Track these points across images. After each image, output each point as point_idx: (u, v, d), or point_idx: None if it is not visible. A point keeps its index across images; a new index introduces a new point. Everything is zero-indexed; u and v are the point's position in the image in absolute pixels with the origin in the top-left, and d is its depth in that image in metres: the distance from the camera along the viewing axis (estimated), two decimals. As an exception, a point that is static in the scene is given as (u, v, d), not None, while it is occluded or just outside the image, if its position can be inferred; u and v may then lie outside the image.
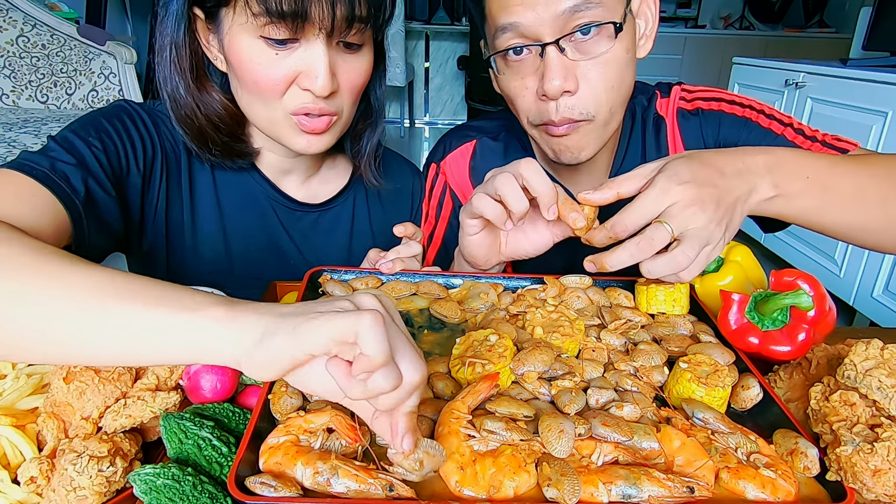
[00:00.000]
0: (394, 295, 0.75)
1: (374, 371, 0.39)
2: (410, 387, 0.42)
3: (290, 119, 0.75)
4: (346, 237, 1.00)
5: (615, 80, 0.80)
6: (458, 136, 1.07)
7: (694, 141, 0.97)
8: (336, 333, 0.39)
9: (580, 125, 0.81)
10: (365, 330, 0.39)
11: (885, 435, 0.48)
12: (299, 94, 0.73)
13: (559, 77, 0.76)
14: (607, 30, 0.76)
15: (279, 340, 0.40)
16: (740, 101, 0.96)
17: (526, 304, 0.71)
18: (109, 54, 3.09)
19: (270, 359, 0.41)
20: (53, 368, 0.57)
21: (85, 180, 0.69)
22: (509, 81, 0.83)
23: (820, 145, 0.87)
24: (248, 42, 0.70)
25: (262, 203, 0.92)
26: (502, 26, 0.78)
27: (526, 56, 0.80)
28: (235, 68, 0.74)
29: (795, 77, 2.72)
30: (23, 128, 2.50)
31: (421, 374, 0.43)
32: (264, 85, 0.72)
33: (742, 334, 0.63)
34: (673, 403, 0.57)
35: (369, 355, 0.39)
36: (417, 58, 6.17)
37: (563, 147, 0.84)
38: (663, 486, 0.45)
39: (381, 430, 0.47)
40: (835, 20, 5.21)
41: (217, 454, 0.50)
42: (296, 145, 0.78)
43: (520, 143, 1.04)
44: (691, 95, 0.99)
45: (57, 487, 0.48)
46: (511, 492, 0.45)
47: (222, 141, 0.82)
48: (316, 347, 0.40)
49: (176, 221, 0.87)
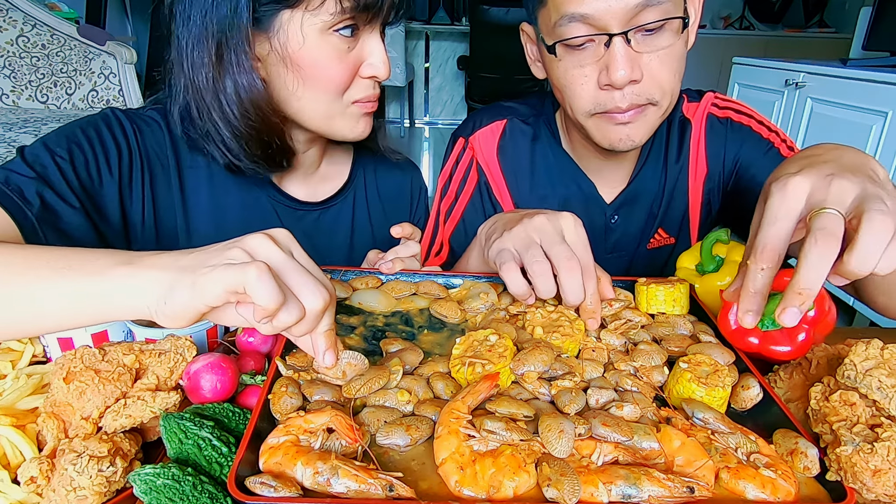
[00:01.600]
0: (394, 295, 0.75)
1: (272, 315, 0.45)
2: (315, 314, 0.48)
3: (353, 107, 0.79)
4: (346, 235, 1.00)
5: (677, 67, 0.82)
6: (489, 112, 1.07)
7: (717, 148, 0.99)
8: (228, 286, 0.44)
9: (646, 109, 0.83)
10: (252, 282, 0.43)
11: (885, 435, 0.48)
12: (363, 84, 0.78)
13: (626, 68, 0.77)
14: (673, 24, 0.78)
15: (180, 295, 0.45)
16: (767, 123, 0.98)
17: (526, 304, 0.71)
18: (109, 54, 3.09)
19: (177, 312, 0.46)
20: (54, 368, 0.57)
21: (41, 193, 0.70)
22: (567, 69, 0.83)
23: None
24: (319, 41, 0.73)
25: (263, 203, 0.92)
26: (570, 15, 0.77)
27: (589, 45, 0.80)
28: (305, 69, 0.74)
29: (795, 77, 2.72)
30: (23, 128, 2.50)
31: (323, 300, 0.48)
32: (336, 80, 0.75)
33: (742, 334, 0.63)
34: (673, 403, 0.57)
35: (261, 305, 0.44)
36: (417, 58, 6.17)
37: (624, 135, 0.85)
38: (663, 486, 0.45)
39: (306, 347, 0.54)
40: (835, 20, 5.21)
41: (217, 454, 0.50)
42: (354, 131, 0.82)
43: (549, 129, 1.04)
44: (724, 104, 1.01)
45: (57, 487, 0.48)
46: (511, 492, 0.45)
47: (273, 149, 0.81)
48: (213, 300, 0.45)
49: (167, 225, 0.87)
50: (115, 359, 0.58)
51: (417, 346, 0.65)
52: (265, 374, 0.65)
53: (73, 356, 0.57)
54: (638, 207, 1.02)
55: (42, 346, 0.68)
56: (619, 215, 1.01)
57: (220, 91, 0.75)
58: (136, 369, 0.58)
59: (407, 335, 0.68)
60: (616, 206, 1.01)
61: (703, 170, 1.00)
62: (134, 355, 0.58)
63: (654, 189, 1.01)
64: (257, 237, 0.48)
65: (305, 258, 0.51)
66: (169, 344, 0.61)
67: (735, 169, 0.99)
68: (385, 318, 0.71)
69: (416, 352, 0.63)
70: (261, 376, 0.64)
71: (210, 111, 0.77)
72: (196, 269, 0.46)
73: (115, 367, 0.57)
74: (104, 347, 0.59)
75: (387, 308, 0.73)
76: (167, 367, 0.59)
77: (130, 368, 0.58)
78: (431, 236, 1.08)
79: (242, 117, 0.77)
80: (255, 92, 0.76)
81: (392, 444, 0.50)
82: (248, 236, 0.49)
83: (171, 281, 0.46)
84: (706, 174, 1.00)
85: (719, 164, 0.99)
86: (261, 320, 0.45)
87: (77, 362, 0.56)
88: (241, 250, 0.47)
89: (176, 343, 0.61)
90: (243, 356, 0.67)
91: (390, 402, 0.55)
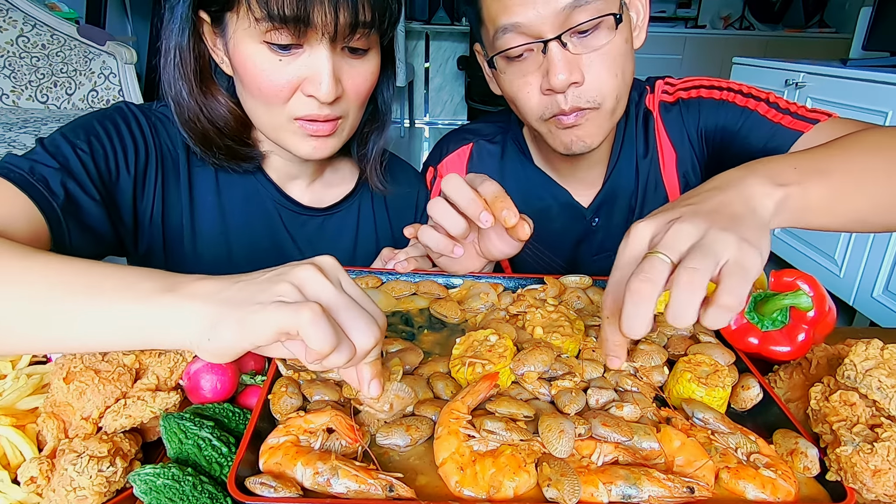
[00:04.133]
0: (394, 295, 0.75)
1: (323, 358, 0.42)
2: (364, 351, 0.45)
3: (294, 124, 0.75)
4: (350, 242, 1.00)
5: (618, 69, 0.81)
6: (454, 139, 1.08)
7: (677, 132, 0.98)
8: (279, 328, 0.41)
9: (588, 113, 0.82)
10: (306, 326, 0.41)
11: (885, 435, 0.48)
12: (304, 101, 0.73)
13: (564, 71, 0.77)
14: (607, 22, 0.77)
15: (227, 333, 0.43)
16: (719, 84, 0.96)
17: (526, 304, 0.71)
18: (109, 54, 3.09)
19: (222, 350, 0.44)
20: (54, 368, 0.57)
21: (65, 184, 0.69)
22: (512, 80, 0.84)
23: (791, 118, 0.86)
24: (251, 47, 0.70)
25: (267, 206, 0.92)
26: (503, 27, 0.78)
27: (528, 55, 0.80)
28: (240, 73, 0.73)
29: (795, 77, 2.72)
30: (23, 128, 2.50)
31: (374, 337, 0.45)
32: (268, 91, 0.72)
33: (742, 334, 0.63)
34: (673, 403, 0.57)
35: (314, 349, 0.41)
36: (417, 58, 6.17)
37: (575, 137, 0.85)
38: (663, 487, 0.46)
39: (350, 379, 0.51)
40: (835, 20, 5.21)
41: (217, 454, 0.50)
42: (301, 150, 0.78)
43: (517, 144, 1.04)
44: (673, 88, 1.00)
45: (57, 487, 0.48)
46: (511, 492, 0.45)
47: (226, 145, 0.82)
48: (262, 340, 0.42)
49: (174, 224, 0.87)
50: (115, 359, 0.58)
51: (417, 346, 0.65)
52: (265, 374, 0.65)
53: (73, 356, 0.57)
54: (617, 206, 1.01)
55: (42, 346, 0.68)
56: (599, 217, 1.01)
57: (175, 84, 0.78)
58: (136, 369, 0.58)
59: (407, 335, 0.68)
60: (595, 208, 1.01)
61: (672, 156, 1.00)
62: (134, 355, 0.58)
63: (629, 186, 1.00)
64: (306, 269, 0.46)
65: (354, 288, 0.48)
66: (169, 344, 0.61)
67: (704, 141, 0.97)
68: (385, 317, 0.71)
69: (416, 352, 0.63)
70: (261, 376, 0.64)
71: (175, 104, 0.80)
72: (243, 305, 0.43)
73: (115, 367, 0.57)
74: (104, 347, 0.59)
75: (387, 308, 0.73)
76: (167, 367, 0.59)
77: (130, 368, 0.58)
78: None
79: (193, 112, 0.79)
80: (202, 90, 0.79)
81: (392, 444, 0.50)
82: (295, 267, 0.46)
83: (216, 316, 0.43)
84: (676, 159, 0.99)
85: (686, 145, 0.98)
86: (312, 362, 0.43)
87: (77, 362, 0.56)
88: (291, 286, 0.45)
89: (176, 343, 0.61)
90: (243, 356, 0.67)
91: (390, 402, 0.55)
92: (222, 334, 0.43)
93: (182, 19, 0.75)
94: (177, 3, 0.75)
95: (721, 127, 0.94)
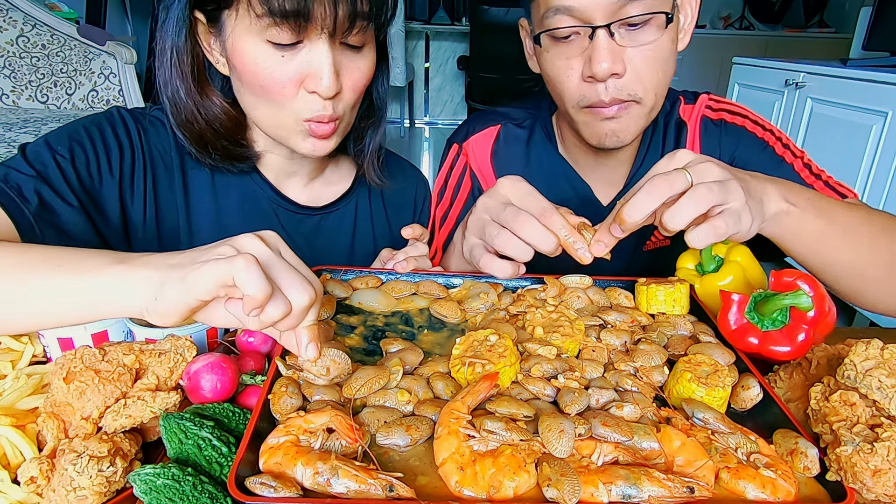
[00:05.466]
0: (394, 295, 0.75)
1: (260, 307, 0.45)
2: (301, 309, 0.49)
3: (301, 125, 0.76)
4: (348, 241, 1.00)
5: (660, 68, 0.81)
6: (482, 119, 1.08)
7: (711, 150, 0.99)
8: (217, 279, 0.45)
9: (629, 106, 0.83)
10: (240, 273, 0.44)
11: (885, 435, 0.48)
12: (310, 101, 0.73)
13: (608, 60, 0.77)
14: (657, 19, 0.78)
15: (171, 291, 0.46)
16: (763, 122, 0.98)
17: (526, 304, 0.71)
18: (109, 54, 3.09)
19: (168, 309, 0.47)
20: (54, 368, 0.57)
21: (39, 191, 0.70)
22: (554, 61, 0.84)
23: (822, 184, 0.91)
24: (252, 45, 0.70)
25: (264, 206, 0.92)
26: (555, 7, 0.78)
27: (574, 38, 0.80)
28: (240, 72, 0.73)
29: (795, 77, 2.72)
30: (23, 128, 2.50)
31: (309, 296, 0.49)
32: (271, 88, 0.72)
33: (742, 334, 0.63)
34: (673, 403, 0.57)
35: (249, 294, 0.44)
36: (417, 58, 6.17)
37: (610, 130, 0.85)
38: (663, 486, 0.45)
39: (289, 344, 0.55)
40: (835, 20, 5.21)
41: (217, 454, 0.50)
42: (302, 148, 0.79)
43: (544, 132, 1.04)
44: (718, 105, 1.01)
45: (57, 487, 0.48)
46: (511, 492, 0.45)
47: (222, 145, 0.82)
48: (203, 294, 0.46)
49: (169, 226, 0.87)
50: (115, 359, 0.58)
51: (417, 346, 0.65)
52: (265, 374, 0.65)
53: (73, 356, 0.57)
54: None
55: (42, 346, 0.68)
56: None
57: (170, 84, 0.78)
58: (136, 369, 0.58)
59: (407, 335, 0.68)
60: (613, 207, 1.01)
61: None
62: (134, 355, 0.58)
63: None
64: (246, 236, 0.50)
65: (293, 257, 0.52)
66: (169, 344, 0.61)
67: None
68: (385, 317, 0.71)
69: (416, 352, 0.63)
70: (261, 376, 0.64)
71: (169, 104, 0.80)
72: (186, 265, 0.47)
73: (115, 367, 0.57)
74: (104, 347, 0.59)
75: (387, 308, 0.73)
76: (167, 367, 0.59)
77: (130, 368, 0.58)
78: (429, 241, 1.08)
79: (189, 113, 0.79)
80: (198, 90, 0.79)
81: (392, 444, 0.50)
82: (237, 236, 0.50)
83: (161, 278, 0.47)
84: None
85: None
86: (250, 312, 0.46)
87: (77, 362, 0.56)
88: (230, 247, 0.49)
89: (176, 343, 0.61)
90: (243, 356, 0.67)
91: (390, 402, 0.55)
92: (167, 294, 0.46)
93: (177, 19, 0.75)
94: (172, 2, 0.75)
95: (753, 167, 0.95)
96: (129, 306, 0.49)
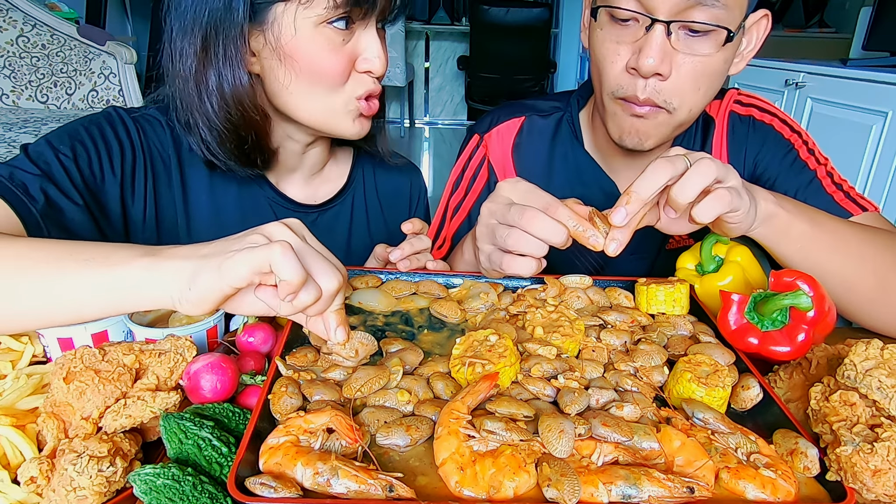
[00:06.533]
0: (394, 294, 0.75)
1: (295, 292, 0.47)
2: (330, 294, 0.51)
3: (353, 104, 0.79)
4: (344, 237, 1.00)
5: (705, 83, 0.80)
6: (507, 110, 1.06)
7: (737, 146, 0.98)
8: (254, 266, 0.46)
9: (660, 112, 0.81)
10: (277, 259, 0.46)
11: (885, 435, 0.48)
12: (362, 80, 0.78)
13: (656, 57, 0.75)
14: (719, 34, 0.76)
15: (206, 279, 0.47)
16: (791, 123, 0.97)
17: (526, 304, 0.71)
18: (109, 54, 3.09)
19: (202, 296, 0.48)
20: (54, 368, 0.57)
21: (45, 189, 0.71)
22: (605, 41, 0.81)
23: (843, 195, 0.91)
24: (313, 33, 0.73)
25: (261, 204, 0.92)
26: None
27: (633, 24, 0.78)
28: (299, 62, 0.74)
29: (795, 77, 2.72)
30: (23, 128, 2.50)
31: (337, 281, 0.51)
32: (331, 73, 0.75)
33: (742, 335, 0.63)
34: (673, 403, 0.57)
35: (286, 280, 0.46)
36: (417, 58, 6.18)
37: (633, 129, 0.84)
38: (663, 487, 0.45)
39: (317, 329, 0.57)
40: (835, 20, 5.20)
41: (217, 454, 0.50)
42: (350, 130, 0.82)
43: (570, 126, 1.02)
44: (747, 100, 0.99)
45: (57, 487, 0.48)
46: (511, 492, 0.45)
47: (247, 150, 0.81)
48: (239, 281, 0.47)
49: (168, 225, 0.87)
50: (115, 359, 0.58)
51: (417, 346, 0.65)
52: (265, 374, 0.65)
53: (73, 356, 0.57)
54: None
55: (42, 346, 0.68)
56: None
57: (202, 82, 0.76)
58: (136, 369, 0.58)
59: (407, 335, 0.68)
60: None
61: None
62: (134, 355, 0.58)
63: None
64: (274, 224, 0.51)
65: (318, 243, 0.54)
66: (169, 344, 0.61)
67: (754, 170, 0.97)
68: (385, 317, 0.71)
69: (416, 352, 0.63)
70: (261, 376, 0.64)
71: (191, 101, 0.78)
72: (219, 255, 0.48)
73: (115, 367, 0.57)
74: (104, 347, 0.59)
75: (387, 308, 0.73)
76: (167, 367, 0.59)
77: (130, 368, 0.58)
78: (437, 229, 1.07)
79: (221, 110, 0.77)
80: (238, 86, 0.76)
81: (392, 444, 0.50)
82: (265, 225, 0.52)
83: (195, 268, 0.48)
84: None
85: (740, 163, 0.98)
86: (285, 297, 0.47)
87: (77, 362, 0.56)
88: (261, 235, 0.50)
89: (176, 343, 0.61)
90: (243, 356, 0.67)
91: (390, 402, 0.55)
92: (202, 282, 0.47)
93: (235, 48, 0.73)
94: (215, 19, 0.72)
95: (774, 171, 0.95)
96: (161, 297, 0.50)
